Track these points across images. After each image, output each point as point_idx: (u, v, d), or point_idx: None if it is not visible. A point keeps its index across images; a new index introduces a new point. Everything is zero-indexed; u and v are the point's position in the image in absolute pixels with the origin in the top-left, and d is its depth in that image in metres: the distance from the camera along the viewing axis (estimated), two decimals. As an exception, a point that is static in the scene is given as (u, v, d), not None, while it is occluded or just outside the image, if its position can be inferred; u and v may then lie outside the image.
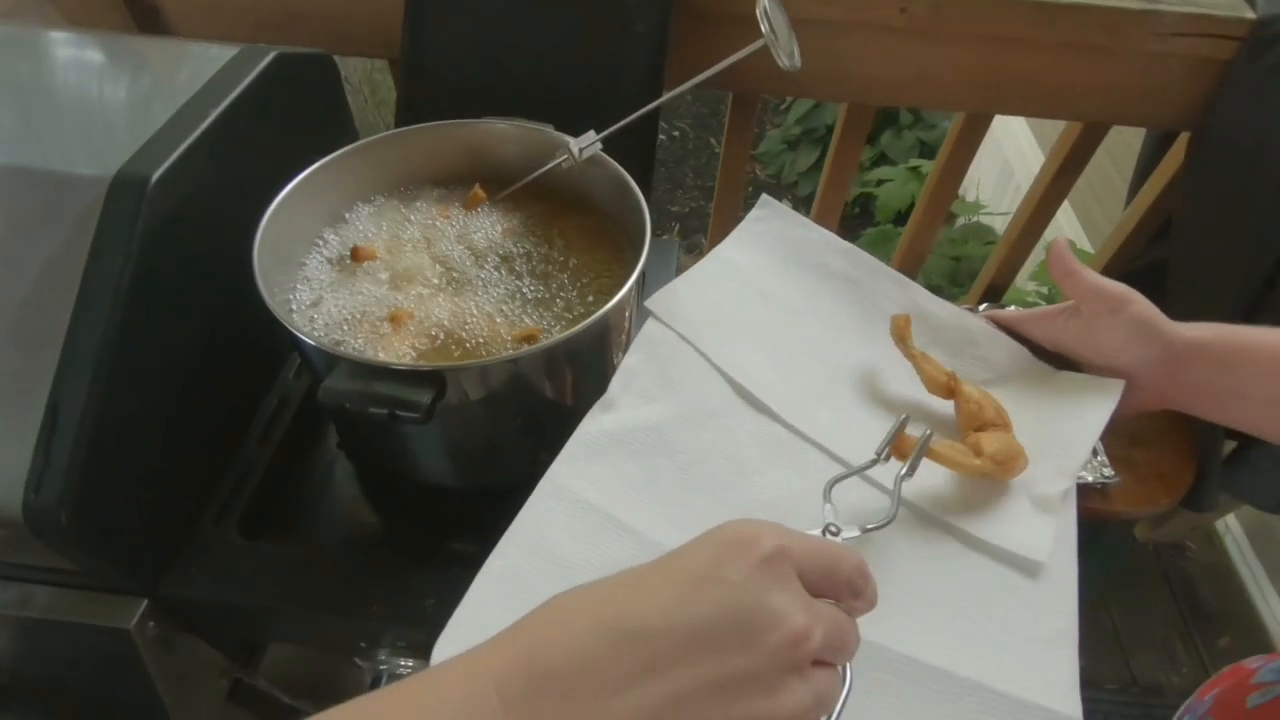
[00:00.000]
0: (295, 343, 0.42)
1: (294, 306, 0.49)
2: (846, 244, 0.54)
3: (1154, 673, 1.23)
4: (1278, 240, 0.71)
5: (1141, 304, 0.47)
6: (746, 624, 0.22)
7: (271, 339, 0.43)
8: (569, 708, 0.21)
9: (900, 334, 0.49)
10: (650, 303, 0.50)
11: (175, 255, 0.43)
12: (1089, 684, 1.27)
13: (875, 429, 0.48)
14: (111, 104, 0.47)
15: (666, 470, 0.43)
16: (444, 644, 0.36)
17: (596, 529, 0.40)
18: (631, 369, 0.47)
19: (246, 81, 0.47)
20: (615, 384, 0.46)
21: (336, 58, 0.59)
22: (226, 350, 0.51)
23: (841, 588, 0.27)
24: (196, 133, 0.43)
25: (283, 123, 0.53)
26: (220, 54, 0.49)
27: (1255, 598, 1.27)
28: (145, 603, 0.45)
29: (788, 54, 0.43)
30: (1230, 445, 0.90)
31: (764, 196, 0.57)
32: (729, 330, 0.50)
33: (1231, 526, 1.34)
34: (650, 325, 0.49)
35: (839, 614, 0.26)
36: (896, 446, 0.42)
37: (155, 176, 0.40)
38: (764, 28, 0.42)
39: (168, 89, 0.47)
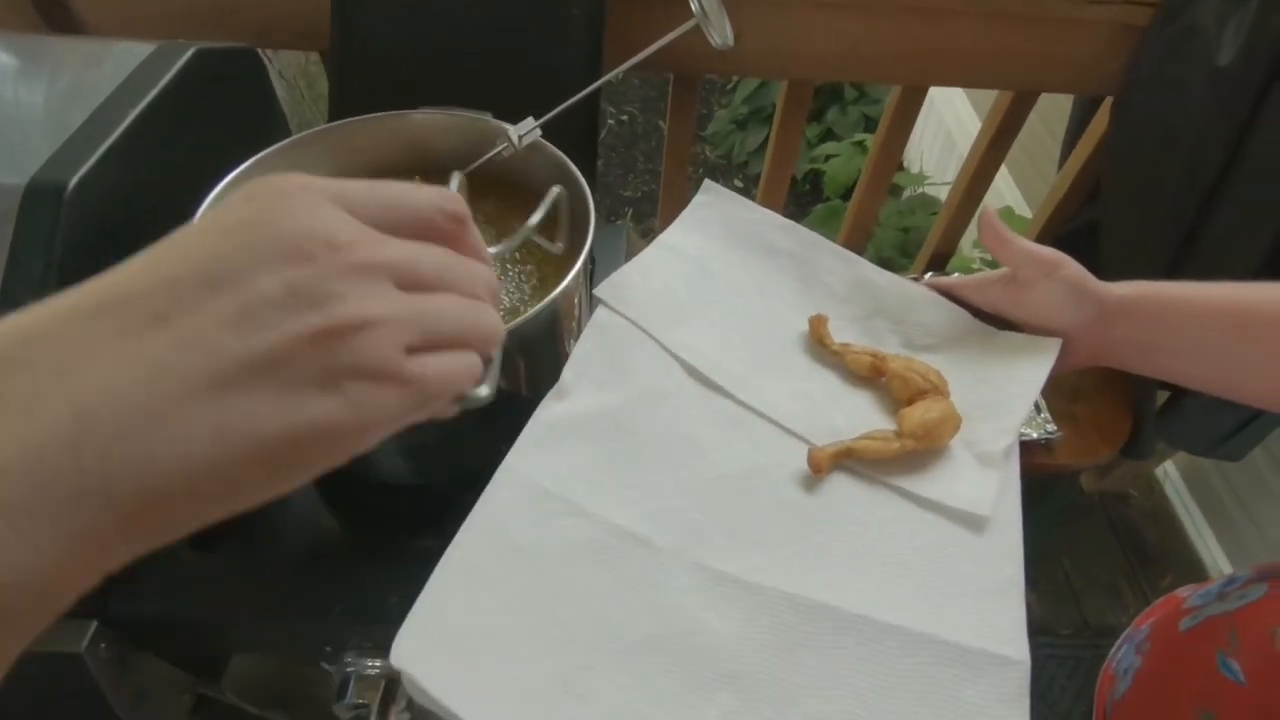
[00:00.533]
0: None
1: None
2: (789, 222, 0.55)
3: (1104, 615, 1.30)
4: (1195, 197, 0.75)
5: (1073, 267, 0.49)
6: (265, 248, 0.17)
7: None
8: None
9: (817, 335, 0.51)
10: (600, 290, 0.50)
11: (101, 262, 0.41)
12: (1044, 630, 1.33)
13: (821, 399, 0.49)
14: (22, 107, 0.45)
15: (622, 453, 0.43)
16: (403, 639, 0.36)
17: (552, 515, 0.40)
18: (584, 356, 0.47)
19: (166, 79, 0.45)
20: (568, 372, 0.46)
21: (270, 53, 0.57)
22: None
23: (430, 218, 0.20)
24: (115, 134, 0.41)
25: (208, 121, 0.51)
26: (137, 51, 0.47)
27: (1194, 537, 1.35)
28: (95, 624, 0.44)
29: (720, 32, 0.43)
30: (1163, 396, 0.95)
31: (707, 181, 0.58)
32: (678, 313, 0.51)
33: (1170, 473, 1.41)
34: (600, 312, 0.50)
35: (430, 246, 0.20)
36: (814, 461, 0.44)
37: (73, 182, 0.39)
38: (694, 7, 0.42)
39: (82, 90, 0.44)
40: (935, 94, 0.84)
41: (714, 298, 0.53)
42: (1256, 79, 0.68)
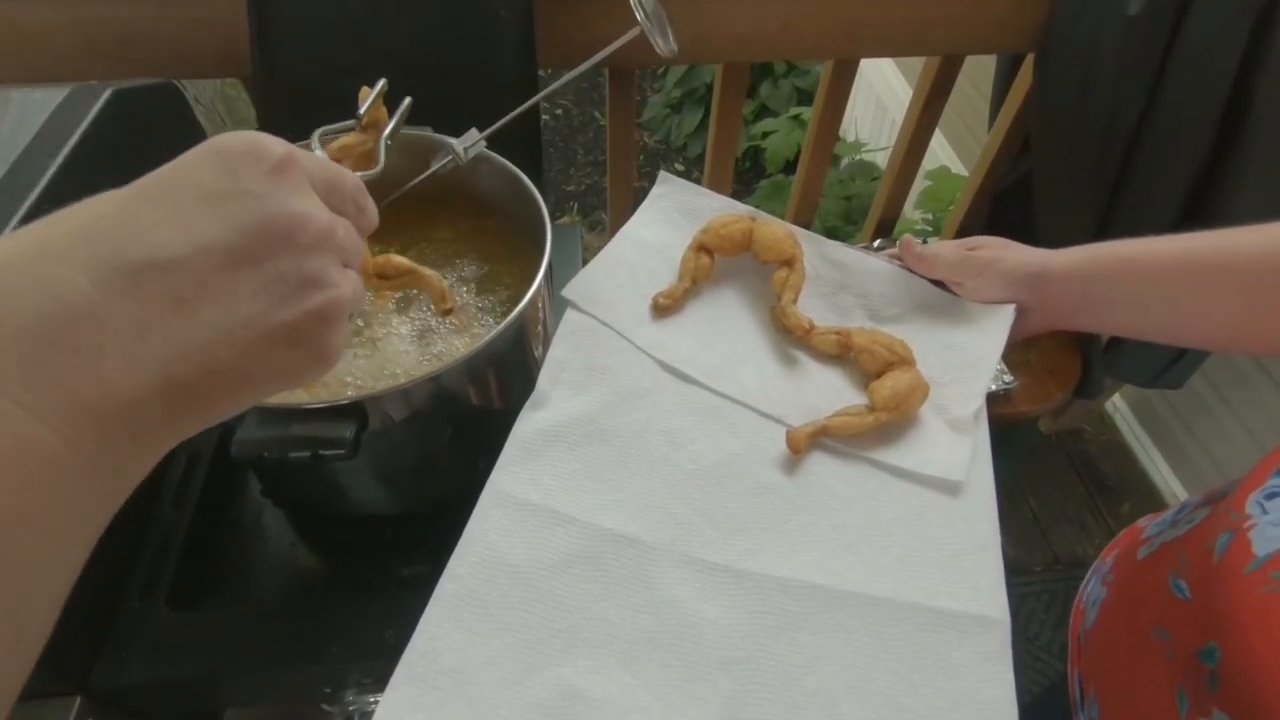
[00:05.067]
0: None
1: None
2: (747, 207, 0.56)
3: (1071, 547, 1.36)
4: (1118, 143, 0.78)
5: (1004, 260, 0.50)
6: (279, 230, 0.21)
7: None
8: (83, 376, 0.17)
9: (781, 323, 0.51)
10: (567, 291, 0.50)
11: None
12: (1019, 570, 1.38)
13: (794, 379, 0.50)
14: (-74, 170, 0.42)
15: (605, 456, 0.43)
16: (400, 679, 0.35)
17: (541, 528, 0.40)
18: (558, 361, 0.47)
19: (83, 126, 0.43)
20: (544, 378, 0.46)
21: (185, 81, 0.55)
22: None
23: (348, 202, 0.25)
24: (37, 191, 0.39)
25: (132, 164, 0.48)
26: (46, 99, 0.44)
27: (1146, 465, 1.42)
28: (79, 699, 0.42)
29: (664, 39, 0.43)
30: (1107, 336, 0.99)
31: (662, 173, 0.58)
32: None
33: (1119, 406, 1.48)
34: (570, 314, 0.49)
35: (346, 221, 0.25)
36: (792, 441, 0.44)
37: (-4, 245, 0.37)
38: (639, 16, 0.42)
39: (-10, 145, 0.42)
40: (864, 64, 0.85)
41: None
42: (1164, 27, 0.71)
